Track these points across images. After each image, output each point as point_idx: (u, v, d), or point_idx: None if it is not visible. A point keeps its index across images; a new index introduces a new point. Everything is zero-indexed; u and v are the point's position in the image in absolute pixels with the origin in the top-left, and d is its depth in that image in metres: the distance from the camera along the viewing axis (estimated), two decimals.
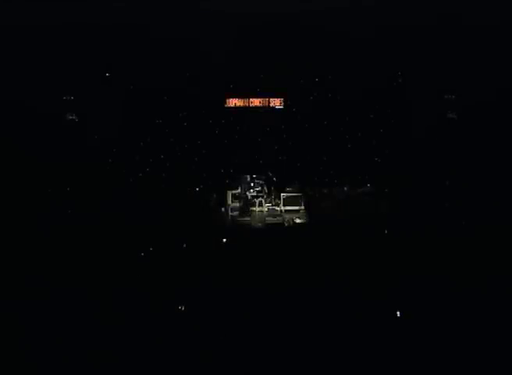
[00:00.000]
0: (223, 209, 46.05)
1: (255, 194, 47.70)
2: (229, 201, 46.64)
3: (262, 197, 47.41)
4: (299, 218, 45.38)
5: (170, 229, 41.78)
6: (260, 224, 44.81)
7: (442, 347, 29.87)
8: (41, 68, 73.33)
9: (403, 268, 36.53)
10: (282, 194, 47.08)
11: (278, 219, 45.59)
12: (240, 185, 48.29)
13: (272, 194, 47.85)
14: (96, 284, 35.18)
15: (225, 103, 61.35)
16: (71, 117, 61.99)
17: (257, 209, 46.70)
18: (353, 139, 58.00)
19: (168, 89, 69.54)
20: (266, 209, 46.85)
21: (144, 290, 34.67)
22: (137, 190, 47.74)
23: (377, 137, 58.06)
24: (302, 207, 46.48)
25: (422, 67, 73.52)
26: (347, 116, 62.64)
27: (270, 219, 45.60)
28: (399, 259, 37.47)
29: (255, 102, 61.46)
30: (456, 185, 47.39)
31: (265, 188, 48.48)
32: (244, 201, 46.97)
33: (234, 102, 61.37)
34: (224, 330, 31.32)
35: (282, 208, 46.67)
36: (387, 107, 64.66)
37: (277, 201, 47.17)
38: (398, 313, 32.41)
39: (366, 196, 47.43)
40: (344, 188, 48.74)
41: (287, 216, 45.78)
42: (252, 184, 48.67)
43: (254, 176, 49.82)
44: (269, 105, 61.61)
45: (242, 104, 61.39)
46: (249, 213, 46.04)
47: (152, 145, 56.80)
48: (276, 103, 61.65)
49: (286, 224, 44.82)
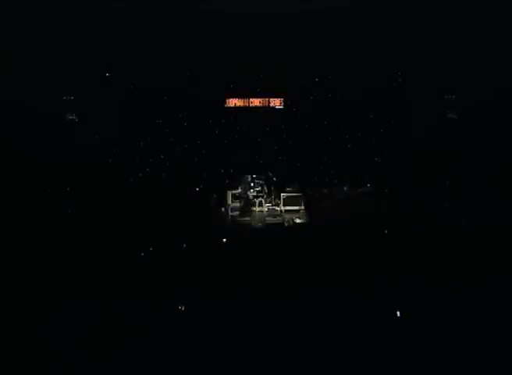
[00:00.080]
0: (223, 209, 46.04)
1: (255, 194, 47.72)
2: (229, 201, 46.63)
3: (262, 197, 47.41)
4: (299, 218, 45.36)
5: (170, 229, 41.76)
6: (260, 224, 44.79)
7: (442, 347, 29.86)
8: (41, 68, 73.35)
9: (403, 268, 36.53)
10: (282, 194, 47.06)
11: (278, 219, 45.56)
12: (241, 185, 48.29)
13: (272, 194, 47.83)
14: (96, 284, 35.17)
15: (225, 103, 61.38)
16: (71, 117, 62.01)
17: (257, 209, 46.68)
18: (353, 139, 57.98)
19: (168, 89, 69.53)
20: (266, 209, 46.84)
21: (144, 290, 34.67)
22: (137, 190, 47.71)
23: (377, 137, 58.04)
24: (302, 207, 46.46)
25: (422, 67, 73.51)
26: (347, 116, 62.62)
27: (270, 219, 45.58)
28: (399, 259, 37.45)
29: (255, 102, 61.47)
30: (456, 185, 47.37)
31: (265, 188, 48.49)
32: (245, 201, 46.96)
33: (234, 102, 61.38)
34: (224, 330, 31.31)
35: (282, 208, 46.65)
36: (387, 107, 64.63)
37: (277, 201, 47.15)
38: (398, 313, 32.42)
39: (366, 196, 47.40)
40: (344, 188, 48.72)
41: (287, 216, 45.75)
42: (252, 184, 48.71)
43: (254, 176, 49.84)
44: (269, 105, 61.62)
45: (242, 104, 61.40)
46: (250, 213, 46.03)
47: (152, 145, 56.78)
48: (276, 103, 61.66)
49: (286, 224, 44.80)
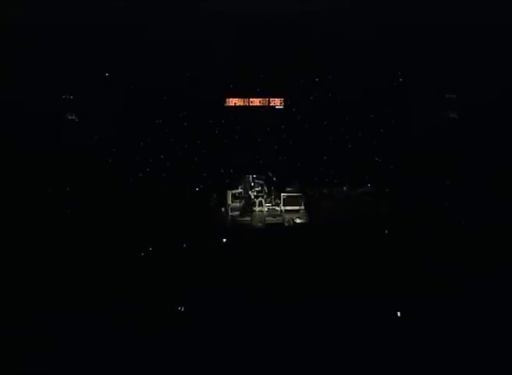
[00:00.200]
0: (223, 209, 45.99)
1: (255, 194, 47.68)
2: (229, 201, 46.58)
3: (262, 197, 47.37)
4: (299, 218, 45.31)
5: (170, 229, 41.73)
6: (260, 224, 44.73)
7: (442, 347, 29.83)
8: (41, 68, 73.44)
9: (403, 268, 36.49)
10: (282, 194, 46.99)
11: (278, 219, 45.50)
12: (241, 185, 48.28)
13: (272, 194, 47.78)
14: (96, 284, 35.13)
15: (225, 103, 61.40)
16: (71, 117, 62.03)
17: (257, 209, 46.63)
18: (353, 139, 57.97)
19: (168, 89, 69.62)
20: (266, 209, 46.79)
21: (144, 290, 34.63)
22: (137, 190, 47.68)
23: (377, 137, 58.03)
24: (302, 207, 46.40)
25: (423, 67, 73.62)
26: (347, 116, 62.65)
27: (270, 219, 45.52)
28: (399, 259, 37.41)
29: (255, 102, 61.52)
30: (456, 185, 47.33)
31: (265, 188, 48.45)
32: (246, 200, 46.92)
33: (234, 102, 61.42)
34: (224, 330, 31.28)
35: (282, 208, 46.59)
36: (387, 107, 64.68)
37: (277, 201, 47.09)
38: (398, 313, 32.39)
39: (366, 196, 47.35)
40: (344, 188, 48.68)
41: (287, 216, 45.70)
42: (252, 184, 48.71)
43: (254, 176, 49.81)
44: (269, 105, 61.68)
45: (242, 104, 61.44)
46: (250, 213, 45.99)
47: (152, 145, 56.77)
48: (276, 103, 61.71)
49: (286, 224, 44.74)
